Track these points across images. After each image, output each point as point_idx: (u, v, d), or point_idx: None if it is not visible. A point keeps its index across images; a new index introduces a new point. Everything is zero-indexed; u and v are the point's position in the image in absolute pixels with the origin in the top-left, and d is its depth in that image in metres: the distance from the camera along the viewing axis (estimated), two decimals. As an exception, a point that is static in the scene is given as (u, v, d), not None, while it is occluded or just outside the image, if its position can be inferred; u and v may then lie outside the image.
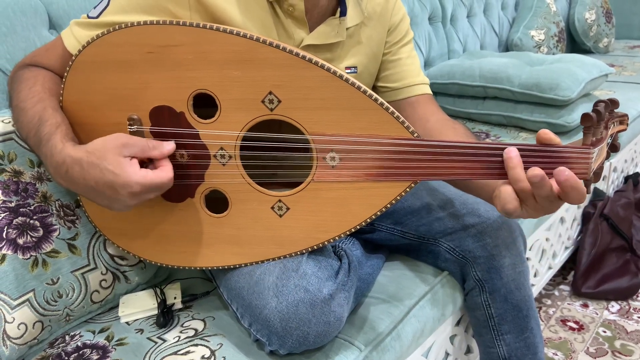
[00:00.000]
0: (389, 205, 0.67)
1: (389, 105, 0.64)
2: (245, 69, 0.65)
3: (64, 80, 0.72)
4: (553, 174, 0.60)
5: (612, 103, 0.66)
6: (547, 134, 0.62)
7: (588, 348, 1.40)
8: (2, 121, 0.77)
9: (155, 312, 0.83)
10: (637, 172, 1.92)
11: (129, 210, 0.66)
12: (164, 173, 0.64)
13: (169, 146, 0.67)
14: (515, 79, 1.55)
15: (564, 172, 0.59)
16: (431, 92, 0.91)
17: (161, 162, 0.66)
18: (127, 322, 0.82)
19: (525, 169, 0.61)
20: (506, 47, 2.29)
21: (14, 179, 0.76)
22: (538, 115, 1.53)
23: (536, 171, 0.59)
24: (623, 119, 0.74)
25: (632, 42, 2.85)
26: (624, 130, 0.74)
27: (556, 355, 1.37)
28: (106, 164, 0.61)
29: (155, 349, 0.74)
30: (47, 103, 0.70)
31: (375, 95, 0.64)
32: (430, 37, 1.85)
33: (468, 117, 1.72)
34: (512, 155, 0.61)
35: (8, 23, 0.89)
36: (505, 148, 0.62)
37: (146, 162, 0.66)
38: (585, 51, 2.63)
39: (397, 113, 0.64)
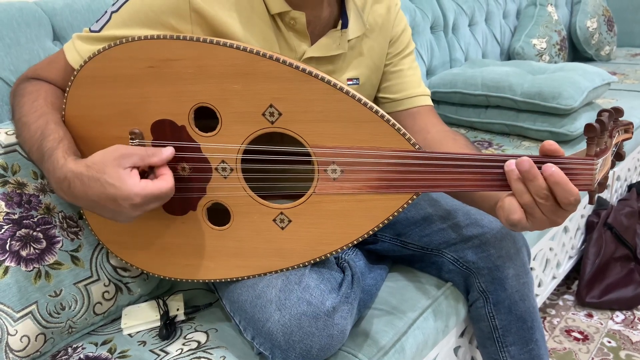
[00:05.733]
0: (391, 217, 0.67)
1: (390, 117, 0.64)
2: (245, 82, 0.65)
3: (66, 94, 0.72)
4: (542, 168, 0.59)
5: (617, 112, 0.66)
6: (551, 145, 0.61)
7: (593, 359, 1.38)
8: (6, 133, 0.77)
9: (158, 323, 0.82)
10: (641, 181, 1.91)
11: (132, 221, 0.66)
12: (164, 182, 0.63)
13: (168, 152, 0.66)
14: (517, 87, 1.55)
15: (550, 167, 0.59)
16: (432, 104, 0.91)
17: (161, 170, 0.65)
18: (129, 334, 0.82)
19: None
20: (508, 55, 2.29)
21: (17, 191, 0.76)
22: (540, 124, 1.53)
23: (524, 160, 0.59)
24: (628, 127, 0.73)
25: (634, 49, 2.85)
26: (629, 138, 0.74)
27: (561, 365, 1.36)
28: (106, 177, 0.61)
29: (157, 362, 0.74)
30: (49, 117, 0.70)
31: (376, 107, 0.64)
32: (432, 46, 1.86)
33: (470, 126, 1.72)
34: (514, 168, 0.61)
35: (12, 34, 0.90)
36: (507, 160, 0.62)
37: (147, 172, 0.66)
38: (587, 59, 2.63)
39: (398, 125, 0.64)
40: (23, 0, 0.95)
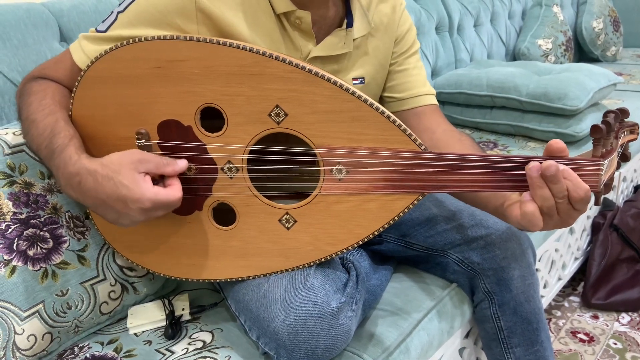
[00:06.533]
0: (396, 218, 0.67)
1: (395, 117, 0.64)
2: (251, 82, 0.66)
3: (73, 94, 0.73)
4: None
5: (622, 113, 0.66)
6: (558, 143, 0.61)
7: (599, 360, 1.38)
8: (13, 133, 0.78)
9: (164, 323, 0.83)
10: (647, 182, 1.90)
11: (134, 226, 0.66)
12: (174, 192, 0.65)
13: (182, 163, 0.68)
14: (523, 88, 1.54)
15: (559, 164, 0.59)
16: (437, 103, 0.91)
17: (172, 180, 0.67)
18: (135, 334, 0.82)
19: None
20: (513, 56, 2.29)
21: (24, 191, 0.77)
22: (546, 125, 1.53)
23: (551, 164, 0.58)
24: (634, 128, 0.73)
25: (640, 50, 2.85)
26: (635, 139, 0.74)
27: (566, 367, 1.36)
28: (121, 178, 0.62)
29: (163, 361, 0.75)
30: (58, 115, 0.71)
31: (382, 107, 0.64)
32: (437, 47, 1.86)
33: (476, 127, 1.71)
34: (538, 175, 0.59)
35: (20, 36, 0.90)
36: (512, 162, 0.61)
37: (156, 180, 0.67)
38: (593, 60, 2.62)
39: (404, 126, 0.64)
40: (30, 2, 0.96)
